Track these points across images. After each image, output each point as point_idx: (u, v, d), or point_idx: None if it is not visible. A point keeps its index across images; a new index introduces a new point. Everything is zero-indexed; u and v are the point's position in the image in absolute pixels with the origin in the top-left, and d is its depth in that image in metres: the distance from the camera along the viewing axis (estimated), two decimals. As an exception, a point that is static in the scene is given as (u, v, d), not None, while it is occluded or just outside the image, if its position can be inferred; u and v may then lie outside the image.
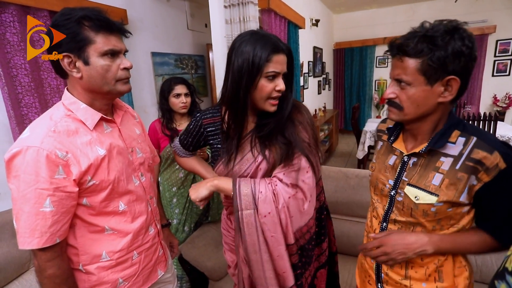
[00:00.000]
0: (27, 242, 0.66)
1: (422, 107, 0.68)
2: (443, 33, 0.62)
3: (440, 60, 0.62)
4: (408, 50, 0.65)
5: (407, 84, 0.67)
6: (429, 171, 0.72)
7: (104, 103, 0.79)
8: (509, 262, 0.60)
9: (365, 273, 0.93)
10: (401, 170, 0.77)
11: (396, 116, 0.72)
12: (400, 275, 0.80)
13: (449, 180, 0.68)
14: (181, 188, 1.71)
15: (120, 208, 0.79)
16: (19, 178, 0.65)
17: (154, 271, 0.92)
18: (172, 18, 3.17)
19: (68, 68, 0.70)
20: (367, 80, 5.80)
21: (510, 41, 4.66)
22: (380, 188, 0.83)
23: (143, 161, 0.89)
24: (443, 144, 0.70)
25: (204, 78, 3.87)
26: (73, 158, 0.69)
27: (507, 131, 3.12)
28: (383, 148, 0.87)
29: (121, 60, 0.74)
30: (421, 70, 0.64)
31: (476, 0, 4.67)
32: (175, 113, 1.68)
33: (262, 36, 0.76)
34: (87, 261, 0.77)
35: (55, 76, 1.91)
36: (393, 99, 0.71)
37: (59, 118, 0.71)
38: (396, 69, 0.69)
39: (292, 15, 3.03)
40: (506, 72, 4.80)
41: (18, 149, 0.65)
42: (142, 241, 0.85)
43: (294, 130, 0.83)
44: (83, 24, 0.68)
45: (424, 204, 0.71)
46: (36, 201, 0.65)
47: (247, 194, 0.79)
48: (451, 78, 0.64)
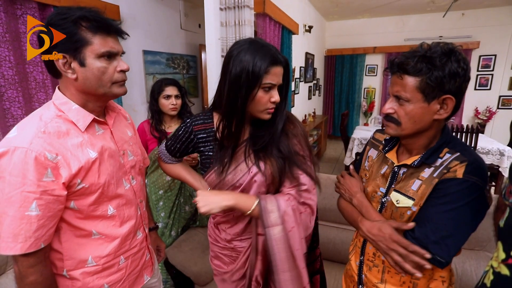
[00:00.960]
0: (9, 247, 0.63)
1: (418, 123, 0.71)
2: (440, 55, 0.66)
3: (437, 79, 0.66)
4: (408, 69, 0.68)
5: (406, 100, 0.70)
6: (411, 178, 0.76)
7: (98, 105, 0.77)
8: (487, 278, 0.62)
9: (350, 278, 0.97)
10: (392, 179, 0.81)
11: (394, 131, 0.75)
12: (377, 278, 0.84)
13: (425, 185, 0.72)
14: (168, 191, 1.68)
15: (109, 212, 0.77)
16: (4, 180, 0.62)
17: (140, 276, 0.90)
18: (166, 17, 3.14)
19: (62, 68, 0.68)
20: (356, 87, 5.92)
21: (492, 57, 4.87)
22: (370, 194, 0.86)
23: (134, 164, 0.87)
24: (434, 160, 0.73)
25: (196, 79, 3.84)
26: (63, 160, 0.66)
27: (487, 143, 3.25)
28: (377, 158, 0.90)
29: (117, 62, 0.73)
30: (419, 88, 0.68)
31: (462, 16, 4.86)
32: (165, 115, 1.65)
33: (262, 46, 0.76)
34: (72, 266, 0.74)
35: (41, 70, 1.84)
36: (391, 114, 0.74)
37: (49, 118, 0.68)
38: (395, 86, 0.72)
39: (287, 21, 3.05)
40: (487, 86, 5.01)
41: (4, 149, 0.62)
42: (129, 246, 0.83)
43: (288, 143, 0.83)
44: (81, 24, 0.66)
45: (403, 207, 0.76)
46: (21, 204, 0.62)
47: (273, 211, 0.78)
48: (447, 97, 0.68)
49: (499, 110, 4.96)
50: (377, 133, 0.97)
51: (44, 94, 1.88)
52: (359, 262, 0.90)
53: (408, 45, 5.24)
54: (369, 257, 0.86)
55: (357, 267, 0.90)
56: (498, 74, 4.90)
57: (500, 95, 4.95)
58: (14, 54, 1.70)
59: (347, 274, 0.99)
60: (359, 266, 0.89)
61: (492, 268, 0.61)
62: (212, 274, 1.44)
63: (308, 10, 4.45)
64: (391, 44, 5.41)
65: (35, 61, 1.82)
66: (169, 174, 1.01)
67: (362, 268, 0.88)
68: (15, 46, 1.71)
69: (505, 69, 4.83)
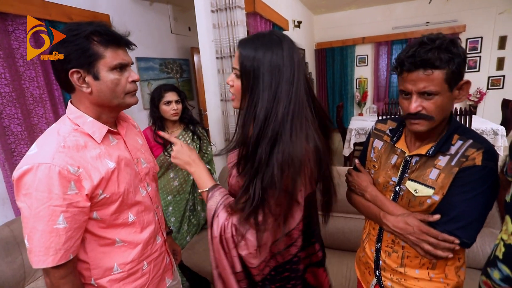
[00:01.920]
0: (42, 261, 0.65)
1: (444, 112, 0.73)
2: (451, 43, 0.68)
3: (458, 66, 0.68)
4: (436, 63, 0.68)
5: (435, 94, 0.70)
6: (427, 167, 0.78)
7: (112, 116, 0.79)
8: (498, 250, 0.66)
9: (364, 265, 0.99)
10: (405, 168, 0.83)
11: (425, 126, 0.74)
12: (396, 263, 0.86)
13: (445, 174, 0.74)
14: (177, 196, 1.70)
15: (129, 219, 0.79)
16: (30, 196, 0.63)
17: (162, 280, 0.92)
18: (156, 22, 3.13)
19: (77, 83, 0.70)
20: (348, 79, 5.97)
21: (478, 39, 4.95)
22: (382, 184, 0.88)
23: (148, 171, 0.89)
24: (448, 148, 0.75)
25: (190, 82, 3.84)
26: (84, 172, 0.68)
27: (480, 124, 3.33)
28: (384, 148, 0.91)
29: (129, 73, 0.75)
30: (446, 80, 0.69)
31: (447, 1, 4.93)
32: (167, 121, 1.66)
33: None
34: (99, 274, 0.76)
35: (37, 85, 1.84)
36: (420, 111, 0.73)
37: (67, 133, 0.70)
38: (421, 83, 0.70)
39: (277, 18, 3.07)
40: (476, 68, 5.10)
41: (28, 166, 0.63)
42: (151, 251, 0.85)
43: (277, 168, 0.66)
44: (93, 39, 0.68)
45: (422, 196, 0.77)
46: (49, 218, 0.64)
47: (210, 209, 0.74)
48: (464, 82, 0.72)
49: (489, 91, 5.06)
50: (378, 123, 0.98)
51: (42, 109, 1.87)
52: (375, 250, 0.91)
53: (396, 33, 5.31)
54: (388, 244, 0.87)
55: (373, 254, 0.92)
56: (485, 55, 4.99)
57: (489, 76, 5.05)
58: (9, 71, 1.69)
59: (361, 261, 1.01)
60: (376, 253, 0.91)
61: (502, 241, 0.65)
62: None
63: (296, 6, 4.47)
64: (379, 33, 5.47)
65: (31, 77, 1.82)
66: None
67: (379, 254, 0.90)
68: (9, 63, 1.70)
69: (491, 50, 4.92)
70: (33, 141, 1.82)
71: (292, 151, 0.65)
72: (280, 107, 0.66)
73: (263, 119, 0.66)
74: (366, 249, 0.97)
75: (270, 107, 0.66)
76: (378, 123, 0.98)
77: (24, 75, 1.79)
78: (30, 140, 1.78)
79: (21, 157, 1.73)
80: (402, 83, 0.74)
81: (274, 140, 0.65)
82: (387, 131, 0.92)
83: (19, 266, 1.27)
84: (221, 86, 2.22)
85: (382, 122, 0.97)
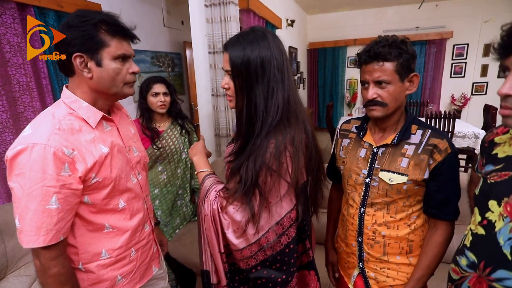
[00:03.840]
0: (32, 240, 0.65)
1: (398, 101, 0.84)
2: (401, 42, 0.81)
3: (407, 61, 0.81)
4: (386, 56, 0.79)
5: (388, 83, 0.81)
6: (397, 157, 0.86)
7: (107, 103, 0.80)
8: (467, 239, 0.71)
9: (344, 260, 1.03)
10: (372, 160, 0.90)
11: (381, 112, 0.84)
12: (379, 253, 0.92)
13: (414, 162, 0.84)
14: (164, 189, 1.70)
15: (120, 205, 0.80)
16: (24, 176, 0.63)
17: (149, 268, 0.93)
18: (148, 15, 3.10)
19: (79, 67, 0.71)
20: (339, 79, 6.05)
21: (464, 46, 5.12)
22: (354, 178, 0.94)
23: (139, 159, 0.91)
24: (409, 136, 0.86)
25: (181, 76, 3.82)
26: (79, 155, 0.69)
27: (463, 127, 3.45)
28: (351, 144, 0.98)
29: (130, 65, 0.78)
30: (396, 71, 0.81)
31: (436, 7, 5.06)
32: (155, 113, 1.65)
33: None
34: (87, 259, 0.77)
35: (24, 72, 1.80)
36: (375, 99, 0.83)
37: (62, 116, 0.71)
38: (375, 73, 0.81)
39: (270, 16, 3.09)
40: (461, 74, 5.27)
41: (23, 146, 0.64)
42: (139, 238, 0.87)
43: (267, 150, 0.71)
44: (101, 27, 0.70)
45: (398, 184, 0.85)
46: (42, 198, 0.64)
47: (204, 189, 0.79)
48: (414, 75, 0.84)
49: (473, 96, 5.24)
50: (343, 124, 1.06)
51: (29, 97, 1.84)
52: (356, 244, 0.95)
53: (386, 36, 5.42)
54: (369, 236, 0.92)
55: (356, 248, 0.96)
56: (471, 62, 5.16)
57: (473, 82, 5.22)
58: (-5, 57, 1.66)
59: (341, 256, 1.06)
60: (359, 246, 0.95)
61: (470, 231, 0.70)
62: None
63: (289, 4, 4.50)
64: (370, 36, 5.55)
65: (17, 63, 1.78)
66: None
67: (362, 247, 0.94)
68: (-5, 48, 1.66)
69: (476, 57, 5.09)
70: (18, 129, 1.80)
71: (292, 135, 0.70)
72: (278, 96, 0.70)
73: (263, 110, 0.70)
74: (347, 243, 1.00)
75: (267, 97, 0.70)
76: (343, 124, 1.06)
77: (11, 62, 1.75)
78: (15, 129, 1.75)
79: (5, 145, 1.70)
80: (362, 74, 0.85)
81: (271, 127, 0.70)
82: (352, 129, 1.00)
83: (1, 254, 1.26)
84: (213, 81, 2.23)
85: (346, 123, 1.05)
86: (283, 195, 0.73)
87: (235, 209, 0.72)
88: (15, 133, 1.72)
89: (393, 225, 0.89)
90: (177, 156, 1.72)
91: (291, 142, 0.70)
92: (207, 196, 0.77)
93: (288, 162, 0.71)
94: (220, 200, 0.75)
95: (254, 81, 0.70)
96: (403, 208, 0.88)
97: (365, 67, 0.83)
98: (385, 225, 0.90)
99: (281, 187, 0.73)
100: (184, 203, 1.82)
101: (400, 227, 0.89)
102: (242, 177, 0.69)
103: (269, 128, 0.70)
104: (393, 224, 0.89)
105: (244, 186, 0.69)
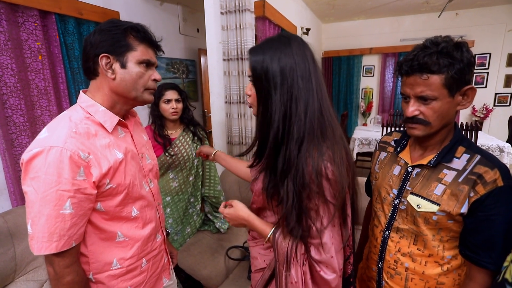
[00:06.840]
0: (44, 247, 0.63)
1: (445, 118, 0.71)
2: (455, 47, 0.66)
3: (460, 72, 0.66)
4: (433, 68, 0.66)
5: (433, 99, 0.68)
6: (431, 182, 0.74)
7: (125, 108, 0.80)
8: (508, 273, 0.62)
9: (366, 283, 0.95)
10: (405, 180, 0.80)
11: (422, 131, 0.72)
12: (399, 286, 0.82)
13: (451, 191, 0.71)
14: (176, 197, 1.68)
15: (133, 213, 0.78)
16: (39, 179, 0.62)
17: (159, 279, 0.91)
18: (165, 22, 3.15)
19: (104, 68, 0.72)
20: (354, 88, 5.96)
21: (487, 55, 4.93)
22: (383, 196, 0.85)
23: (152, 167, 0.90)
24: (450, 159, 0.73)
25: (195, 83, 3.85)
26: (94, 160, 0.68)
27: (486, 140, 3.29)
28: (387, 159, 0.89)
29: (152, 72, 0.79)
30: (445, 84, 0.67)
31: (456, 16, 4.93)
32: (167, 120, 1.64)
33: None
34: (98, 269, 0.75)
35: (43, 77, 1.84)
36: (417, 116, 0.71)
37: (79, 120, 0.71)
38: (418, 87, 0.69)
39: (285, 24, 3.08)
40: (483, 84, 5.06)
41: (39, 149, 0.63)
42: (151, 248, 0.85)
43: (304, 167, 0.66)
44: (130, 33, 0.73)
45: (426, 212, 0.73)
46: (57, 203, 0.62)
47: (282, 252, 0.69)
48: (468, 88, 0.68)
49: (495, 108, 5.02)
50: (384, 136, 0.96)
51: (46, 101, 1.87)
52: (376, 269, 0.87)
53: (404, 45, 5.31)
54: (390, 264, 0.83)
55: (376, 274, 0.87)
56: (493, 72, 4.96)
57: (496, 93, 5.01)
58: (16, 61, 1.70)
59: (362, 279, 0.97)
60: (378, 272, 0.86)
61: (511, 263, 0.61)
62: (222, 277, 1.43)
63: (305, 13, 4.49)
64: (387, 44, 5.47)
65: (37, 69, 1.82)
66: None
67: (381, 274, 0.85)
68: (16, 53, 1.71)
69: (500, 66, 4.90)
70: (35, 132, 1.83)
71: (331, 152, 0.63)
72: (300, 105, 0.64)
73: (281, 119, 0.64)
74: (369, 265, 0.93)
75: (287, 106, 0.64)
76: (385, 135, 0.97)
77: (31, 67, 1.80)
78: (32, 132, 1.78)
79: (22, 147, 1.72)
80: (402, 85, 0.73)
81: (301, 140, 0.64)
82: (391, 142, 0.90)
83: (11, 258, 1.25)
84: (226, 88, 2.21)
85: (387, 135, 0.95)
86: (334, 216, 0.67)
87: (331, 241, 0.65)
88: (31, 136, 1.74)
89: (420, 260, 0.78)
90: (189, 163, 1.69)
91: (330, 159, 0.63)
92: (293, 260, 0.67)
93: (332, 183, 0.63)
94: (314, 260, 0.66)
95: (272, 88, 0.66)
96: (433, 243, 0.76)
97: (407, 79, 0.71)
98: (410, 257, 0.79)
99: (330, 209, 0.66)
100: (195, 212, 1.78)
101: (428, 264, 0.77)
102: (283, 199, 0.65)
103: (298, 141, 0.63)
104: (420, 258, 0.78)
105: (285, 206, 0.64)
